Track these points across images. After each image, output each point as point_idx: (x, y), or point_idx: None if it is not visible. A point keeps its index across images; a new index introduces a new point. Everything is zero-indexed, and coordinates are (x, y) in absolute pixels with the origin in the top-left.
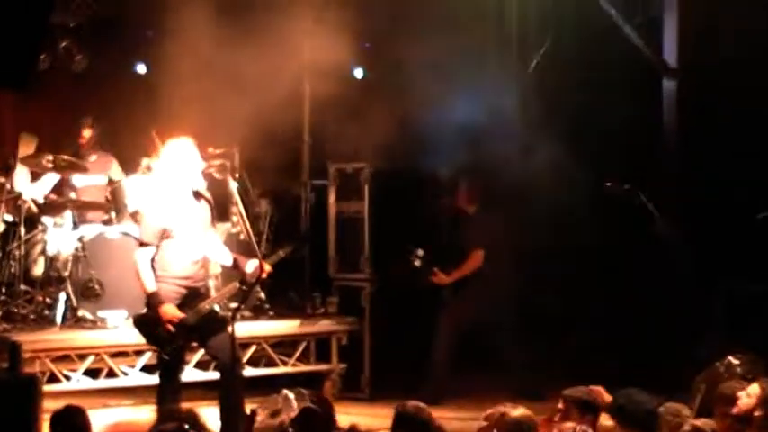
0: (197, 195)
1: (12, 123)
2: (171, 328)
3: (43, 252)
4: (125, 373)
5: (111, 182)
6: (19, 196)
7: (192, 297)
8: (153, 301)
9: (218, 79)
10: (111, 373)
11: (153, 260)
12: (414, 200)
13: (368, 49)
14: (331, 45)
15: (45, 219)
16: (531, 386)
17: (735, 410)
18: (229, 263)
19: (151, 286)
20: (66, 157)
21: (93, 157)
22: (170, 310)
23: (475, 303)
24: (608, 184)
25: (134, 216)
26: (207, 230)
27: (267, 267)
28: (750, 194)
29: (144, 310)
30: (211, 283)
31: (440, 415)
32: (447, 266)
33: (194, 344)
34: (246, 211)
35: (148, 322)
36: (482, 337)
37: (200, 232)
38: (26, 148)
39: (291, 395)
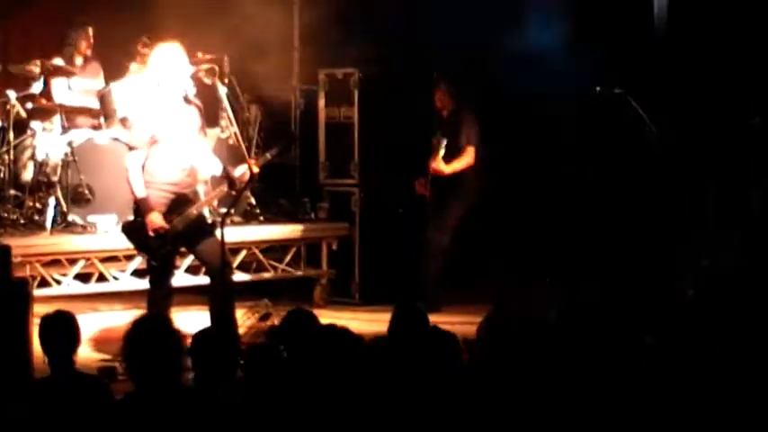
0: (186, 101)
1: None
2: (156, 235)
3: (32, 157)
4: (115, 278)
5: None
6: (8, 101)
7: (179, 203)
8: (142, 207)
9: None
10: (102, 278)
11: (142, 166)
12: (404, 104)
13: None
14: None
15: (34, 124)
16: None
17: None
18: (218, 171)
19: (140, 192)
20: (54, 62)
21: (79, 60)
22: (156, 220)
23: (463, 207)
24: (597, 88)
25: (123, 122)
26: (196, 137)
27: (255, 169)
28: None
29: (132, 218)
30: (201, 189)
31: (437, 321)
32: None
33: (183, 249)
34: (236, 116)
35: (136, 228)
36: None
37: (189, 138)
38: None
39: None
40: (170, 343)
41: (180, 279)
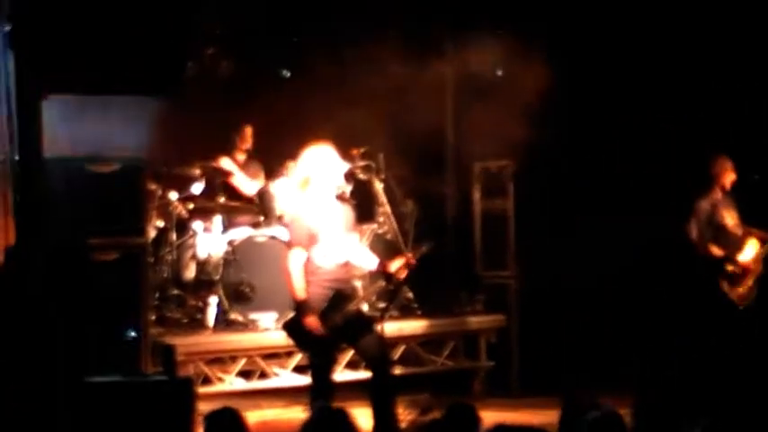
0: (340, 198)
1: (160, 132)
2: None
3: (194, 256)
4: (277, 375)
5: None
6: (170, 202)
7: (339, 299)
8: (301, 309)
9: (362, 81)
10: (264, 375)
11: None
12: (559, 194)
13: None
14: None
15: (194, 224)
16: None
17: None
18: (374, 266)
19: (301, 294)
20: (221, 163)
21: (241, 157)
22: (314, 324)
23: None
24: (756, 176)
25: (281, 219)
26: (350, 233)
27: (412, 263)
28: None
29: (292, 315)
30: (358, 284)
31: None
32: None
33: (344, 344)
34: (392, 210)
35: (297, 327)
36: None
37: (345, 234)
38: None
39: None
40: None
41: (341, 374)
